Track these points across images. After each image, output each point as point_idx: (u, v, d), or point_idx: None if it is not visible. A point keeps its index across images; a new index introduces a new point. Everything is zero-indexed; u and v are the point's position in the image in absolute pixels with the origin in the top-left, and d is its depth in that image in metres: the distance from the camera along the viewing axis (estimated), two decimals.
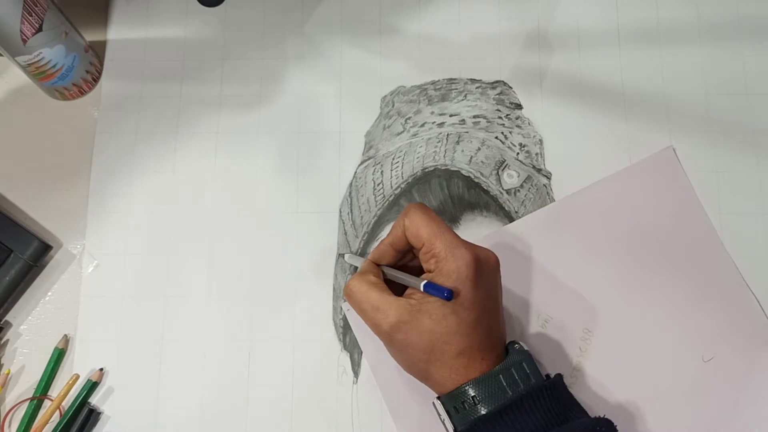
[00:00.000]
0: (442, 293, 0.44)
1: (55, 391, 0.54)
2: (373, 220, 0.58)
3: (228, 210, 0.58)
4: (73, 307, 0.56)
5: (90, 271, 0.57)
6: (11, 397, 0.54)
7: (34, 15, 0.51)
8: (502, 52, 0.61)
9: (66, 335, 0.55)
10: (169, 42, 0.62)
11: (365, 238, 0.57)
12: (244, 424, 0.54)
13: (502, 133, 0.59)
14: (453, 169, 0.58)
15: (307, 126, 0.60)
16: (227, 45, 0.62)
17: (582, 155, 0.59)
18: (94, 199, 0.58)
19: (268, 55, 0.61)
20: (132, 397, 0.54)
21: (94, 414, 0.53)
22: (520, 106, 0.60)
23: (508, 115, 0.60)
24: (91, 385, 0.54)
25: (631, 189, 0.57)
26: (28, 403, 0.54)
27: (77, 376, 0.54)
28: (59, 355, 0.54)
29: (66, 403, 0.53)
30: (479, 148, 0.59)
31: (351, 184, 0.58)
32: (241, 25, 0.62)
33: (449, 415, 0.46)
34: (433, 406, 0.47)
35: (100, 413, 0.54)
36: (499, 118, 0.60)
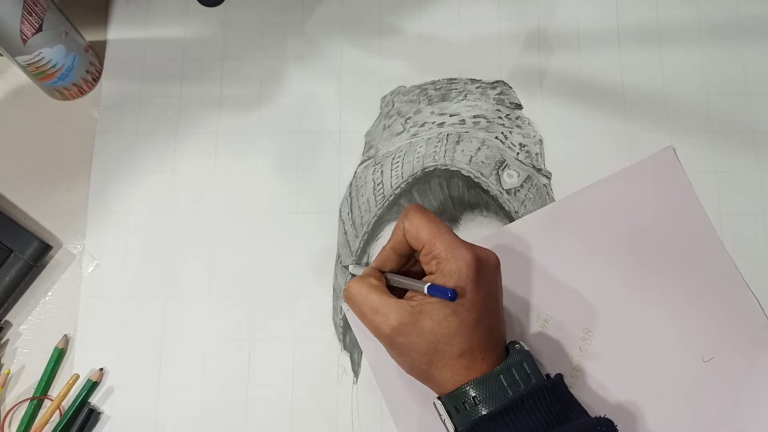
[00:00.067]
0: (446, 294, 0.44)
1: (55, 391, 0.54)
2: (373, 220, 0.58)
3: (228, 210, 0.58)
4: (73, 307, 0.56)
5: (90, 271, 0.57)
6: (11, 397, 0.54)
7: (34, 15, 0.51)
8: (502, 52, 0.61)
9: (66, 335, 0.55)
10: (169, 42, 0.62)
11: (365, 238, 0.57)
12: (244, 424, 0.54)
13: (502, 133, 0.59)
14: (453, 169, 0.58)
15: (307, 126, 0.60)
16: (227, 45, 0.62)
17: (582, 155, 0.59)
18: (94, 199, 0.58)
19: (268, 55, 0.61)
20: (132, 397, 0.54)
21: (94, 414, 0.53)
22: (520, 106, 0.60)
23: (508, 115, 0.60)
24: (91, 385, 0.54)
25: (631, 189, 0.57)
26: (28, 403, 0.54)
27: (77, 376, 0.54)
28: (59, 355, 0.54)
29: (66, 403, 0.53)
30: (479, 148, 0.59)
31: (351, 184, 0.58)
32: (241, 25, 0.62)
33: (450, 416, 0.46)
34: (434, 406, 0.47)
35: (100, 413, 0.54)
36: (499, 118, 0.60)
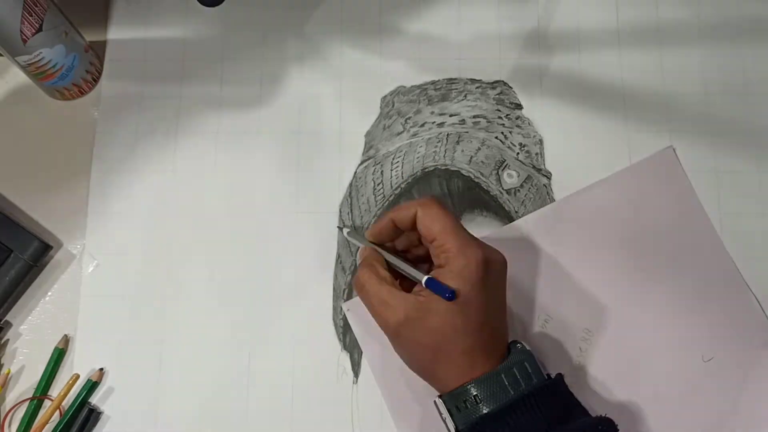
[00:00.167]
0: (444, 293, 0.44)
1: (55, 391, 0.54)
2: (373, 220, 0.57)
3: (228, 210, 0.58)
4: (73, 307, 0.56)
5: (90, 271, 0.57)
6: (11, 397, 0.54)
7: (34, 15, 0.51)
8: (502, 52, 0.61)
9: (66, 335, 0.55)
10: (169, 42, 0.62)
11: None
12: (244, 424, 0.54)
13: (502, 133, 0.59)
14: (453, 169, 0.58)
15: (307, 126, 0.60)
16: (227, 45, 0.62)
17: (582, 155, 0.59)
18: (94, 199, 0.58)
19: (268, 55, 0.61)
20: (132, 397, 0.54)
21: (94, 414, 0.53)
22: (520, 106, 0.60)
23: (508, 115, 0.60)
24: (91, 385, 0.54)
25: (631, 189, 0.57)
26: (28, 403, 0.53)
27: (77, 376, 0.54)
28: (59, 355, 0.54)
29: (66, 403, 0.53)
30: (479, 148, 0.59)
31: (351, 184, 0.58)
32: (241, 25, 0.62)
33: (451, 414, 0.46)
34: (435, 405, 0.47)
35: (100, 413, 0.54)
36: (499, 118, 0.60)
